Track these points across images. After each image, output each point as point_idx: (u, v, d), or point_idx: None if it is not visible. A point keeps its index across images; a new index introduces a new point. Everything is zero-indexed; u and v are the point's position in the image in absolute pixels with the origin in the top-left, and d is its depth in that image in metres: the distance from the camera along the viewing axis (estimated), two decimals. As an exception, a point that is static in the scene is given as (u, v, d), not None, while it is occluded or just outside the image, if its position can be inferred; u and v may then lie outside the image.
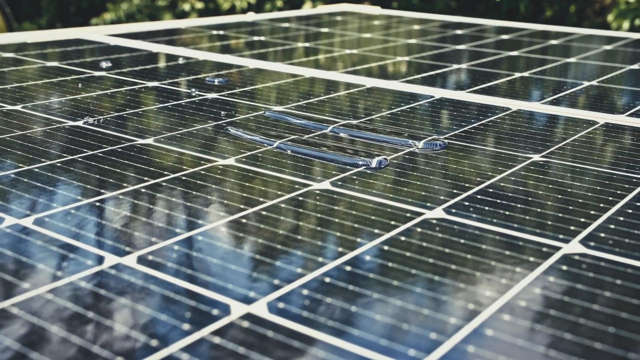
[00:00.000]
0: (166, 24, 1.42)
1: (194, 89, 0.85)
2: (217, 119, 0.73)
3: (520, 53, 1.20)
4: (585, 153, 0.64)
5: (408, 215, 0.49)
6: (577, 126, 0.74)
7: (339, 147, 0.64)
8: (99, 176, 0.55)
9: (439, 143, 0.65)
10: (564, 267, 0.42)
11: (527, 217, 0.49)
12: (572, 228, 0.48)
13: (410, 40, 1.34)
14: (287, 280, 0.40)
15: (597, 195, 0.54)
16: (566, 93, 0.89)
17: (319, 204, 0.51)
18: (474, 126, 0.73)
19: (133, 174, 0.56)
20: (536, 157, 0.63)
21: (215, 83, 0.89)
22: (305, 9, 1.78)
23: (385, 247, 0.44)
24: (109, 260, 0.42)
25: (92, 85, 0.86)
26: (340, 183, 0.55)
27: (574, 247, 0.45)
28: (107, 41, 1.18)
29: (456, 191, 0.54)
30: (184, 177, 0.55)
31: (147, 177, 0.55)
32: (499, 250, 0.44)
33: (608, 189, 0.55)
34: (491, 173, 0.58)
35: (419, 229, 0.47)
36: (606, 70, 1.06)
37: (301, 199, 0.52)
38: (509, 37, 1.40)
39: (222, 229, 0.47)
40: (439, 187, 0.55)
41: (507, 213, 0.50)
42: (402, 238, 0.46)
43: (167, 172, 0.56)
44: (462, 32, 1.46)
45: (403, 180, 0.56)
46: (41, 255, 0.42)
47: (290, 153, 0.61)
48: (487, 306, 0.38)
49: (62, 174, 0.55)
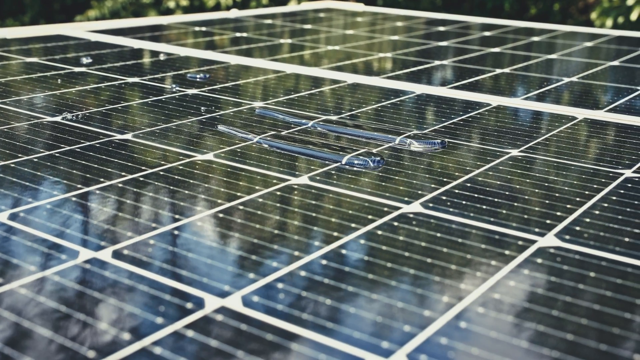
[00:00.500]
0: (148, 20, 1.42)
1: (174, 85, 0.85)
2: (197, 114, 0.72)
3: (502, 50, 1.21)
4: (564, 148, 0.64)
5: (385, 209, 0.49)
6: (557, 121, 0.74)
7: (331, 144, 0.64)
8: (76, 171, 0.55)
9: (438, 142, 0.64)
10: (539, 260, 0.42)
11: (504, 211, 0.50)
12: (548, 222, 0.48)
13: (393, 37, 1.34)
14: (262, 274, 0.40)
15: (574, 190, 0.54)
16: (547, 89, 0.90)
17: (297, 198, 0.51)
18: (454, 122, 0.73)
19: (111, 169, 0.56)
20: (515, 152, 0.63)
21: (197, 79, 0.89)
22: (289, 6, 1.77)
23: (362, 241, 0.45)
24: (84, 255, 0.41)
25: (72, 81, 0.86)
26: (319, 178, 0.55)
27: (549, 240, 0.45)
28: (88, 37, 1.18)
29: (434, 186, 0.54)
30: (162, 172, 0.55)
31: (124, 173, 0.55)
32: (475, 243, 0.44)
33: (585, 184, 0.55)
34: (469, 168, 0.58)
35: (396, 223, 0.47)
36: (587, 66, 1.06)
37: (279, 193, 0.52)
38: (491, 34, 1.40)
39: (199, 223, 0.47)
40: (417, 182, 0.55)
41: (484, 207, 0.50)
42: (379, 232, 0.46)
43: (145, 168, 0.56)
44: (445, 28, 1.46)
45: (381, 175, 0.56)
46: (16, 250, 0.42)
47: (286, 152, 0.61)
48: (462, 299, 0.38)
49: (39, 170, 0.55)
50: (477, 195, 0.52)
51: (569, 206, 0.51)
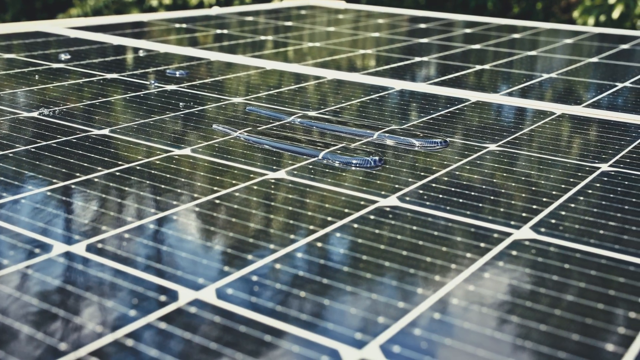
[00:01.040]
0: (128, 17, 1.41)
1: (152, 81, 0.84)
2: (175, 110, 0.72)
3: (483, 47, 1.21)
4: (542, 143, 0.65)
5: (362, 203, 0.49)
6: (535, 117, 0.74)
7: (310, 139, 0.64)
8: (52, 166, 0.55)
9: (439, 141, 0.64)
10: (514, 252, 0.42)
11: (481, 205, 0.50)
12: (524, 215, 0.48)
13: (374, 34, 1.34)
14: (237, 266, 0.40)
15: (551, 183, 0.54)
16: (526, 85, 0.90)
17: (274, 192, 0.51)
18: (433, 117, 0.73)
19: (87, 164, 0.55)
20: (492, 147, 0.63)
21: (177, 75, 0.89)
22: (272, 4, 1.77)
23: (338, 235, 0.44)
24: (58, 249, 0.41)
25: (50, 77, 0.85)
26: (296, 172, 0.55)
27: (524, 233, 0.45)
28: (67, 34, 1.17)
29: (411, 180, 0.54)
30: (139, 167, 0.55)
31: (100, 167, 0.55)
32: (451, 236, 0.45)
33: (562, 177, 0.55)
34: (447, 162, 0.59)
35: (372, 217, 0.47)
36: (567, 63, 1.07)
37: (256, 188, 0.52)
38: (472, 30, 1.41)
39: (175, 217, 0.46)
40: (394, 176, 0.55)
41: (461, 201, 0.50)
42: (356, 225, 0.46)
43: (122, 162, 0.56)
44: (427, 26, 1.46)
45: (359, 169, 0.56)
46: (-12, 244, 0.42)
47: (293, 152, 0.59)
48: (437, 291, 0.38)
49: (13, 164, 0.55)
50: (454, 189, 0.52)
51: (545, 199, 0.51)
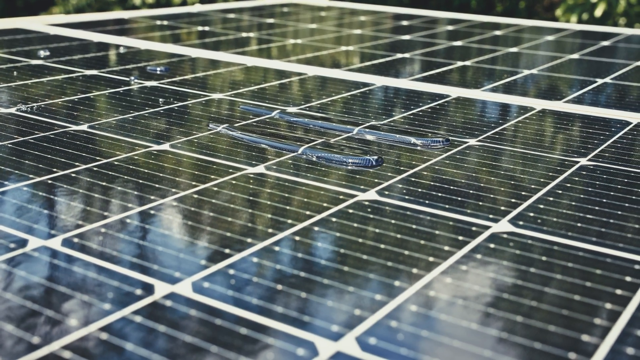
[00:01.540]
0: (110, 14, 1.40)
1: (132, 77, 0.84)
2: (154, 106, 0.72)
3: (465, 43, 1.21)
4: (521, 138, 0.65)
5: (341, 197, 0.49)
6: (516, 112, 0.74)
7: (289, 135, 0.64)
8: (29, 162, 0.54)
9: (442, 140, 0.63)
10: (492, 245, 0.42)
11: (459, 199, 0.50)
12: (503, 208, 0.48)
13: (356, 30, 1.34)
14: (214, 260, 0.40)
15: (530, 177, 0.54)
16: (507, 81, 0.90)
17: (252, 187, 0.51)
18: (413, 112, 0.73)
19: (64, 160, 0.55)
20: (472, 142, 0.63)
21: (157, 72, 0.88)
22: (255, 1, 1.77)
23: (316, 228, 0.44)
24: (33, 243, 0.41)
25: (29, 73, 0.84)
26: (275, 167, 0.55)
27: (503, 226, 0.45)
28: (47, 31, 1.16)
29: (390, 174, 0.54)
30: (117, 163, 0.55)
31: (78, 163, 0.54)
32: (429, 230, 0.44)
33: (541, 171, 0.56)
34: (427, 157, 0.59)
35: (351, 211, 0.47)
36: (548, 59, 1.07)
37: (234, 182, 0.52)
38: (455, 28, 1.41)
39: (152, 212, 0.46)
40: (374, 171, 0.55)
41: (440, 195, 0.50)
42: (334, 219, 0.46)
43: (100, 158, 0.56)
44: (409, 23, 1.47)
45: (338, 164, 0.56)
46: (-38, 239, 0.41)
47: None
48: (414, 283, 0.38)
49: (-10, 160, 0.54)
50: (433, 184, 0.52)
51: (524, 193, 0.51)
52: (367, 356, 0.31)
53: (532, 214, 0.47)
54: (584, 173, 0.55)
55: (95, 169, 0.53)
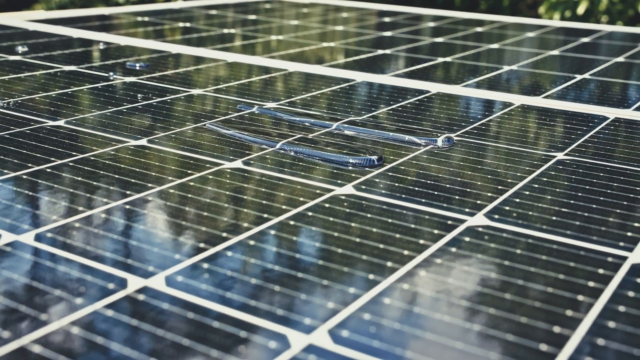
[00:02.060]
0: (90, 11, 1.40)
1: (111, 73, 0.83)
2: (133, 101, 0.71)
3: (446, 39, 1.22)
4: (499, 132, 0.65)
5: (318, 192, 0.49)
6: (494, 107, 0.75)
7: (268, 130, 0.64)
8: (3, 157, 0.54)
9: (445, 139, 0.62)
10: (467, 239, 0.43)
11: (436, 193, 0.50)
12: (479, 202, 0.48)
13: (338, 27, 1.34)
14: (188, 254, 0.40)
15: (507, 172, 0.54)
16: (486, 77, 0.90)
17: (229, 182, 0.51)
18: (392, 108, 0.73)
19: (39, 155, 0.54)
20: (451, 136, 0.63)
21: (137, 68, 0.88)
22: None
23: (292, 222, 0.44)
24: (5, 238, 0.41)
25: (6, 69, 0.84)
26: (253, 162, 0.55)
27: (478, 219, 0.45)
28: (26, 27, 1.15)
29: (368, 169, 0.54)
30: (93, 158, 0.54)
31: (54, 158, 0.54)
32: (405, 223, 0.45)
33: (518, 166, 0.56)
34: (404, 152, 0.59)
35: (327, 205, 0.47)
36: (528, 55, 1.07)
37: (211, 177, 0.51)
38: (437, 24, 1.41)
39: (127, 206, 0.46)
40: (350, 166, 0.55)
41: (417, 189, 0.50)
42: (310, 213, 0.46)
43: (76, 153, 0.55)
44: (391, 19, 1.47)
45: (315, 159, 0.56)
46: None
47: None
48: (388, 276, 0.38)
49: (-35, 155, 0.54)
50: (410, 178, 0.52)
51: (500, 187, 0.51)
52: (339, 349, 0.31)
53: (507, 208, 0.47)
54: (561, 167, 0.56)
55: (72, 164, 0.53)
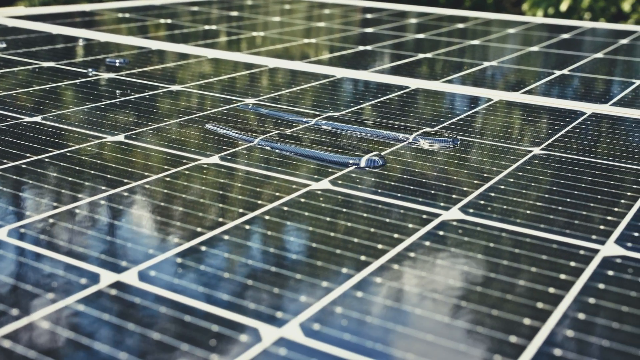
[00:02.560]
0: (70, 7, 1.39)
1: (90, 69, 0.83)
2: (111, 98, 0.71)
3: (428, 36, 1.22)
4: (477, 128, 0.65)
5: (294, 187, 0.49)
6: (472, 103, 0.75)
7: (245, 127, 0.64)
8: (-21, 153, 0.53)
9: (451, 140, 0.60)
10: (441, 233, 0.43)
11: (411, 187, 0.50)
12: (454, 197, 0.49)
13: (320, 23, 1.34)
14: (161, 250, 0.40)
15: (483, 167, 0.55)
16: (466, 73, 0.91)
17: (205, 177, 0.51)
18: (371, 103, 0.73)
19: (15, 151, 0.54)
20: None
21: (116, 64, 0.88)
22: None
23: (267, 217, 0.44)
24: (-22, 234, 0.40)
25: (-15, 65, 0.83)
26: (230, 157, 0.55)
27: (453, 214, 0.46)
28: (5, 23, 1.15)
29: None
30: (69, 154, 0.54)
31: (29, 154, 0.54)
32: (379, 217, 0.45)
33: (495, 160, 0.56)
34: (381, 147, 0.59)
35: (303, 200, 0.47)
36: (507, 51, 1.08)
37: (187, 172, 0.51)
38: (420, 20, 1.42)
39: (102, 202, 0.46)
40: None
41: (392, 184, 0.51)
42: (285, 208, 0.46)
43: (52, 149, 0.55)
44: (376, 15, 1.47)
45: (291, 154, 0.56)
46: None
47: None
48: (361, 270, 0.38)
49: (-61, 152, 0.53)
50: (386, 173, 0.53)
51: (476, 182, 0.51)
52: (310, 342, 0.31)
53: (482, 202, 0.48)
54: (537, 162, 0.56)
55: (47, 160, 0.53)
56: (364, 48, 1.07)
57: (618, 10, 3.55)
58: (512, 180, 0.52)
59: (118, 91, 0.74)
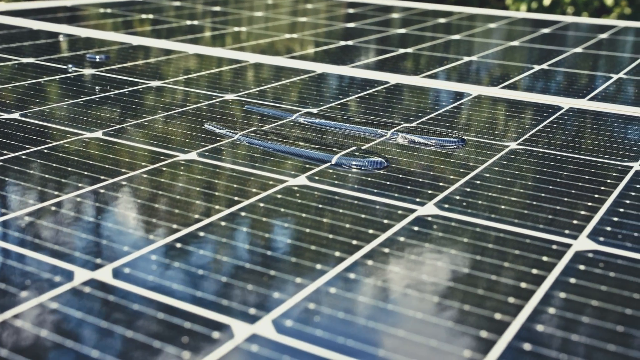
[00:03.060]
0: (51, 3, 1.38)
1: (70, 65, 0.83)
2: (90, 94, 0.71)
3: (408, 31, 1.22)
4: (455, 123, 0.66)
5: (271, 183, 0.50)
6: (451, 98, 0.75)
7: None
8: (-45, 150, 0.53)
9: (457, 140, 0.59)
10: (415, 228, 0.43)
11: (387, 183, 0.50)
12: (430, 192, 0.49)
13: (302, 18, 1.34)
14: (136, 247, 0.40)
15: (459, 162, 0.55)
16: (446, 67, 0.91)
17: (183, 174, 0.51)
18: (351, 99, 0.73)
19: (-8, 148, 0.54)
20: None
21: (96, 60, 0.87)
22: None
23: (243, 214, 0.44)
24: (-47, 232, 0.40)
25: (-37, 61, 0.83)
26: (208, 154, 0.55)
27: (428, 209, 0.46)
28: (-14, 19, 1.14)
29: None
30: (46, 151, 0.54)
31: (6, 151, 0.54)
32: (355, 214, 0.45)
33: (471, 156, 0.56)
34: (359, 142, 0.59)
35: (279, 196, 0.47)
36: (488, 46, 1.08)
37: (165, 169, 0.51)
38: (399, 16, 1.42)
39: (78, 199, 0.46)
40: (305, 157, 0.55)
41: (369, 179, 0.51)
42: (262, 205, 0.46)
43: (29, 146, 0.55)
44: (360, 10, 1.47)
45: (269, 150, 0.56)
46: None
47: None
48: (335, 266, 0.38)
49: None
50: (362, 169, 0.53)
51: (452, 177, 0.52)
52: (282, 338, 0.32)
53: (458, 197, 0.48)
54: (513, 157, 0.56)
55: (24, 157, 0.53)
56: (345, 43, 1.07)
57: (601, 4, 3.56)
58: (488, 175, 0.52)
59: (97, 87, 0.74)
